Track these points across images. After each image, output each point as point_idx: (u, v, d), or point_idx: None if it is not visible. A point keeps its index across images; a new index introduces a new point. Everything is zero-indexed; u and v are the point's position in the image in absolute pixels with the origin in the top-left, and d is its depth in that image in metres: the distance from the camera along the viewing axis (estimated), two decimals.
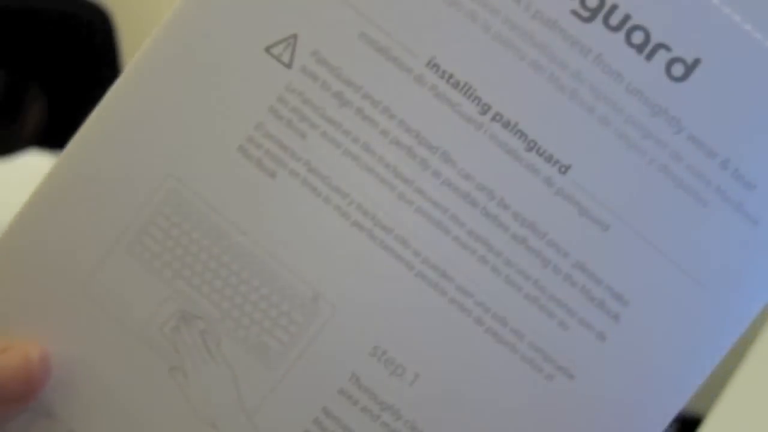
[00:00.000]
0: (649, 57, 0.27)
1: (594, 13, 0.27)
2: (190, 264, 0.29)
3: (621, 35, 0.27)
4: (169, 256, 0.29)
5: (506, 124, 0.27)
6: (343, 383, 0.29)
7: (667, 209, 0.27)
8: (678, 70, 0.27)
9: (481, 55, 0.27)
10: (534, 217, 0.28)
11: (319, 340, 0.29)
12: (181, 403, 0.29)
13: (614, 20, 0.27)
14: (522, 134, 0.27)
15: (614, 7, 0.27)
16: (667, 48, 0.27)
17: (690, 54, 0.27)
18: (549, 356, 0.28)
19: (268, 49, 0.28)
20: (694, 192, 0.27)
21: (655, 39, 0.27)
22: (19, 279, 0.29)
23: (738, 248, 0.28)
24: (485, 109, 0.27)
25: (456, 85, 0.27)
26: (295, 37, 0.28)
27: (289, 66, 0.28)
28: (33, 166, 0.76)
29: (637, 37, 0.27)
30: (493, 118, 0.27)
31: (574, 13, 0.27)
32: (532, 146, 0.27)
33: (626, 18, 0.27)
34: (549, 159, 0.28)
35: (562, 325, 0.28)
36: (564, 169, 0.28)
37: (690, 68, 0.27)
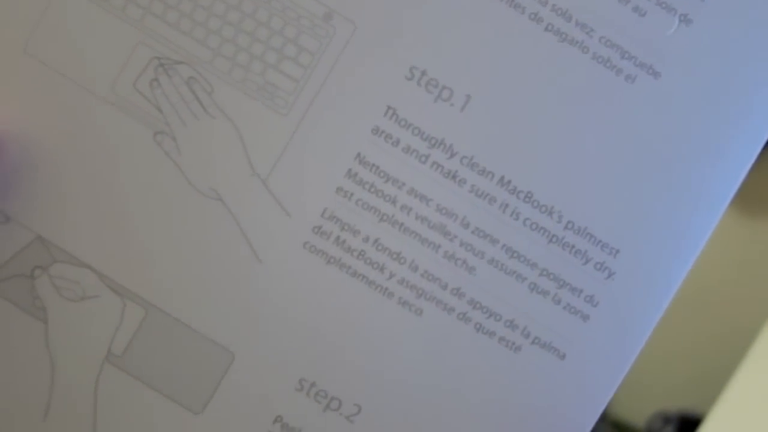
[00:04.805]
0: None
1: None
2: None
3: None
4: None
5: None
6: (377, 119, 0.23)
7: None
8: None
9: None
10: None
11: (339, 69, 0.23)
12: (173, 175, 0.23)
13: None
14: None
15: None
16: None
17: None
18: (626, 52, 0.23)
19: None
20: None
21: None
22: None
23: None
24: None
25: None
26: None
27: None
28: None
29: None
30: None
31: None
32: None
33: None
34: None
35: (637, 11, 0.23)
36: None
37: None
